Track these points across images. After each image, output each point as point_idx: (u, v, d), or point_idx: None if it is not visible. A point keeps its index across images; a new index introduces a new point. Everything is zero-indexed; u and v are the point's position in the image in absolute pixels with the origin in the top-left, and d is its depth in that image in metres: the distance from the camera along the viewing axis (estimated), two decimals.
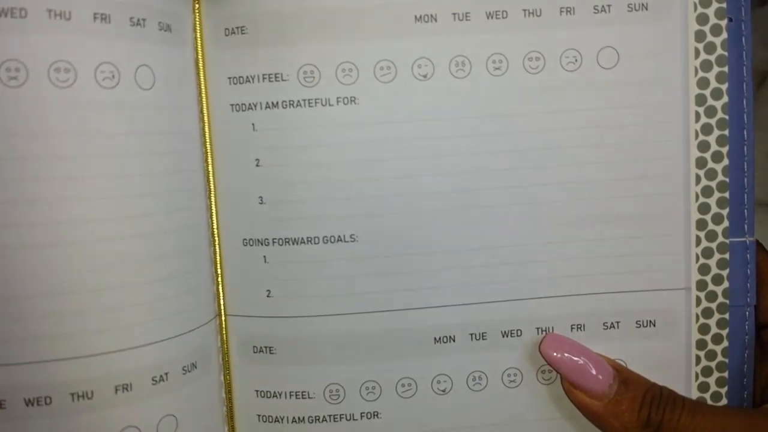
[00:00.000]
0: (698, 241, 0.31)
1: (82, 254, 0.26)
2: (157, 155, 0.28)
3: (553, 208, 0.30)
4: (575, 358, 0.30)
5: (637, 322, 0.31)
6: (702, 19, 0.30)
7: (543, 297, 0.31)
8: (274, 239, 0.30)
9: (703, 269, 0.31)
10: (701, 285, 0.31)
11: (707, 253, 0.31)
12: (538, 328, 0.31)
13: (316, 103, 0.29)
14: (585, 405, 0.29)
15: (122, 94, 0.27)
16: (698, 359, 0.31)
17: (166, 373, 0.28)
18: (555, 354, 0.30)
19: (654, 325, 0.31)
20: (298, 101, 0.29)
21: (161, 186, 0.28)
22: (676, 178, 0.31)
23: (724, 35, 0.30)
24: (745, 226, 0.31)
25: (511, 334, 0.31)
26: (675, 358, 0.31)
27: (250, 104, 0.29)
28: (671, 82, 0.30)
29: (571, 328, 0.31)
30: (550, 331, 0.31)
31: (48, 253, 0.26)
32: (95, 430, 0.27)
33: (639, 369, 0.30)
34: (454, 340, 0.31)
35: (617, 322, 0.31)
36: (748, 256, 0.31)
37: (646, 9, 0.30)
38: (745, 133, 0.31)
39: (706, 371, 0.31)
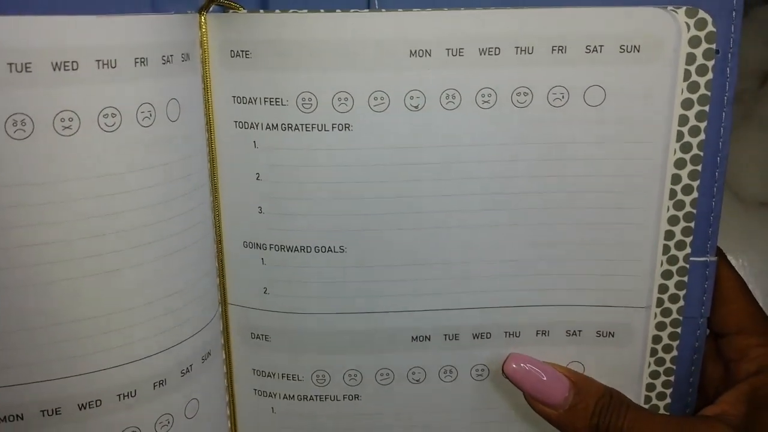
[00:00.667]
0: (660, 264, 0.33)
1: (118, 281, 0.29)
2: (178, 180, 0.30)
3: (529, 231, 0.33)
4: (535, 375, 0.33)
5: (597, 332, 0.34)
6: (690, 59, 0.31)
7: (513, 306, 0.34)
8: (271, 245, 0.33)
9: (662, 288, 0.33)
10: (658, 302, 0.34)
11: (667, 275, 0.33)
12: (506, 332, 0.34)
13: (312, 128, 0.31)
14: (544, 414, 0.33)
15: (157, 130, 0.29)
16: (649, 364, 0.34)
17: (191, 365, 0.32)
18: (517, 371, 0.33)
19: (613, 336, 0.34)
20: (296, 125, 0.31)
21: (181, 207, 0.30)
22: (649, 209, 0.32)
23: (710, 75, 0.31)
24: (708, 246, 0.34)
25: (482, 336, 0.34)
26: (628, 363, 0.34)
27: (252, 123, 0.31)
28: (654, 120, 0.31)
29: (537, 333, 0.34)
30: (518, 335, 0.34)
31: (88, 281, 0.28)
32: (141, 422, 0.31)
33: (594, 371, 0.34)
34: (429, 339, 0.34)
35: (579, 331, 0.34)
36: (707, 273, 0.34)
37: (638, 51, 0.30)
38: (719, 159, 0.33)
39: (654, 374, 0.34)
